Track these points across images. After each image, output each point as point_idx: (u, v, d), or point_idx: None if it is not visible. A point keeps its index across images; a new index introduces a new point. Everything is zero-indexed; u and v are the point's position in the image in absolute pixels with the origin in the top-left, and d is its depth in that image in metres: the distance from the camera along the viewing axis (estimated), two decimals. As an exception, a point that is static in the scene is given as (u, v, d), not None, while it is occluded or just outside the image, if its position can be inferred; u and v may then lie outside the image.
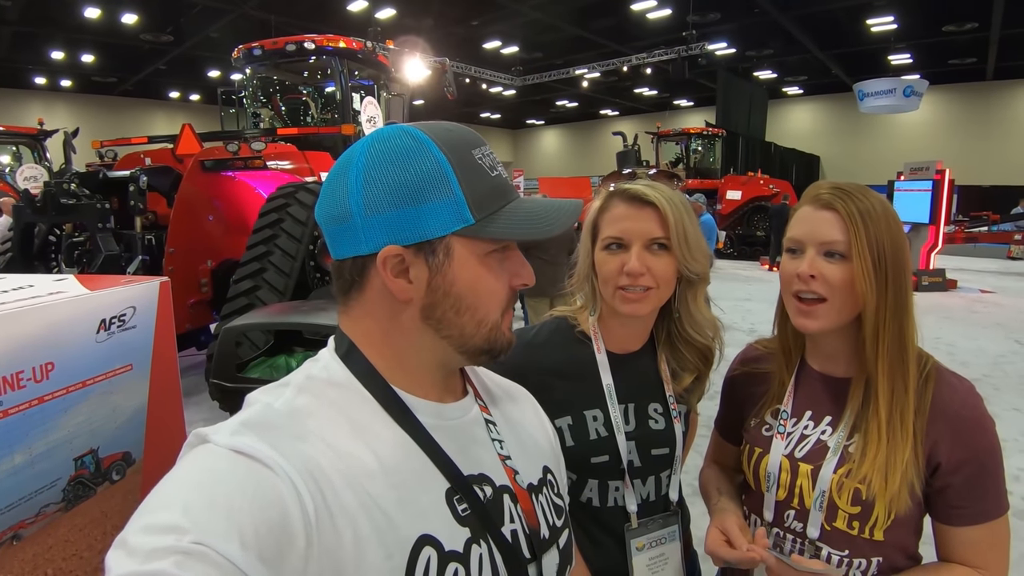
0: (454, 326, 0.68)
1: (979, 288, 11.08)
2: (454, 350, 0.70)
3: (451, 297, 0.67)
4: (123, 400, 1.34)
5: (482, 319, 0.68)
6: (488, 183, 0.68)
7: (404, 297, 0.66)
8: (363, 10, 14.08)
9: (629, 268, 1.09)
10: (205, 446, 0.57)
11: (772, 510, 1.08)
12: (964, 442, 0.96)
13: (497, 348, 0.71)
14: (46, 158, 11.39)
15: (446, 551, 0.63)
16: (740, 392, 1.23)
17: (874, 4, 14.35)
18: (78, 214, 4.87)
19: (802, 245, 1.03)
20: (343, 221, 0.66)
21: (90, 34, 15.39)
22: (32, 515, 1.15)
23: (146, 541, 0.48)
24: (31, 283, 1.31)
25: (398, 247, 0.64)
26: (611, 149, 19.13)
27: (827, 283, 1.00)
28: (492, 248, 0.68)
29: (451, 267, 0.66)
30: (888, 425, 0.97)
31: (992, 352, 6.69)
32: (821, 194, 1.03)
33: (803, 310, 1.03)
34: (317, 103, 7.60)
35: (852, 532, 0.99)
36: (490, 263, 0.68)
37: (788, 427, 1.09)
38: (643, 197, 1.12)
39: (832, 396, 1.08)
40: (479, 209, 0.66)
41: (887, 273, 0.98)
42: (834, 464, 1.01)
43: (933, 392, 0.99)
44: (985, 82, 21.33)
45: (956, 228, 13.89)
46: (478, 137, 0.70)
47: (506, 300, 0.71)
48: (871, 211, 0.99)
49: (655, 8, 14.95)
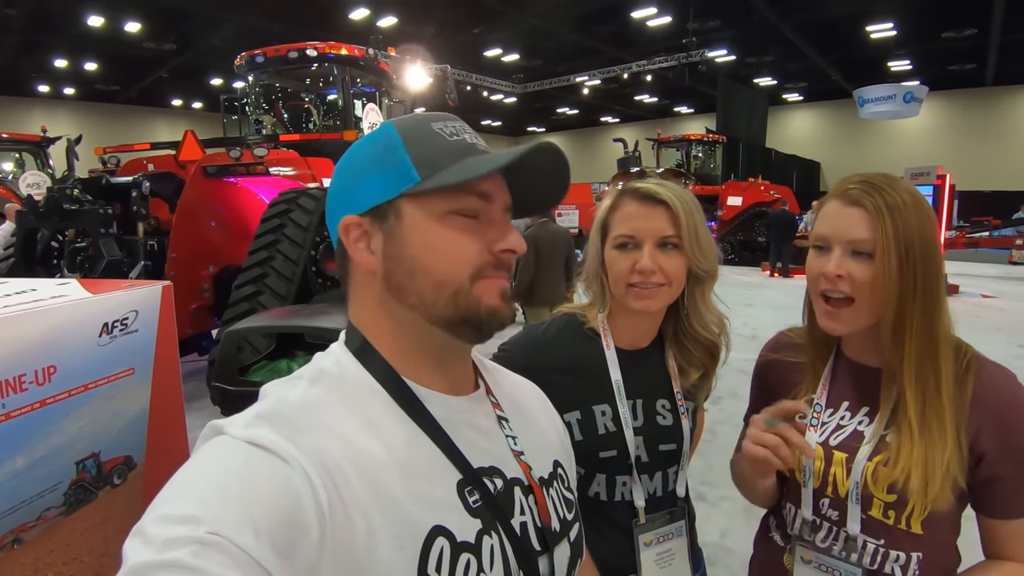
0: (412, 292, 0.67)
1: (981, 293, 11.05)
2: (425, 321, 0.68)
3: (405, 260, 0.67)
4: (125, 404, 1.34)
5: (441, 281, 0.66)
6: (443, 145, 0.68)
7: (368, 267, 0.69)
8: (365, 18, 14.16)
9: (641, 266, 1.10)
10: (220, 438, 0.58)
11: (810, 504, 1.06)
12: (1010, 430, 0.94)
13: (476, 317, 0.67)
14: (49, 165, 11.40)
15: (458, 542, 0.63)
16: (772, 378, 1.20)
17: (873, 11, 14.39)
18: (81, 220, 4.87)
19: (829, 243, 1.00)
20: (329, 211, 0.72)
21: (93, 42, 15.48)
22: (33, 519, 1.14)
23: (163, 531, 0.49)
24: (34, 287, 1.31)
25: (354, 216, 0.68)
26: (612, 155, 19.17)
27: (855, 283, 0.97)
28: (450, 208, 0.66)
29: (402, 229, 0.67)
30: (920, 426, 0.94)
31: (995, 356, 6.50)
32: (849, 189, 0.99)
33: (830, 312, 1.01)
34: (319, 110, 7.62)
35: (888, 521, 0.97)
36: (452, 223, 0.67)
37: (823, 418, 1.07)
38: (655, 196, 1.12)
39: (868, 386, 1.05)
40: (427, 168, 0.66)
41: (915, 269, 0.95)
42: (869, 452, 0.99)
43: (974, 383, 0.97)
44: (985, 88, 21.39)
45: (957, 233, 13.89)
46: (448, 115, 0.72)
47: (476, 263, 0.67)
48: (900, 205, 0.95)
49: (655, 16, 15.00)
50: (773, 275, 13.42)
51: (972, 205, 18.49)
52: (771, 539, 1.17)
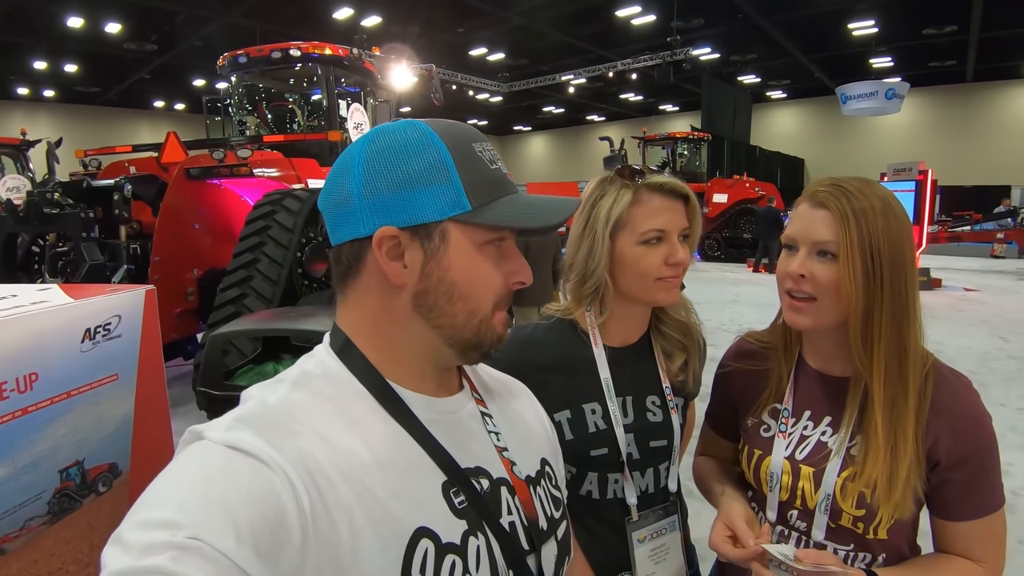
0: (446, 315, 0.67)
1: (963, 287, 11.22)
2: (443, 342, 0.69)
3: (445, 284, 0.67)
4: (109, 410, 1.32)
5: (474, 309, 0.68)
6: (487, 174, 0.68)
7: (398, 282, 0.66)
8: (349, 17, 14.08)
9: (677, 259, 1.12)
10: (200, 442, 0.57)
11: (775, 510, 1.07)
12: (964, 439, 0.96)
13: (486, 344, 0.70)
14: (29, 168, 11.24)
15: (443, 543, 0.63)
16: (734, 387, 1.22)
17: (855, 8, 14.53)
18: (62, 224, 4.81)
19: (796, 243, 1.03)
20: (343, 205, 0.67)
21: (73, 43, 15.26)
22: (16, 529, 1.13)
23: (141, 537, 0.48)
24: (14, 293, 1.29)
25: (394, 228, 0.65)
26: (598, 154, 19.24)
27: (816, 283, 0.99)
28: (489, 238, 0.68)
29: (447, 253, 0.66)
30: (887, 434, 0.96)
31: (978, 349, 6.76)
32: (818, 191, 1.01)
33: (794, 306, 1.03)
34: (303, 110, 7.57)
35: (857, 531, 1.00)
36: (487, 253, 0.68)
37: (788, 426, 1.08)
38: (679, 190, 1.15)
39: (830, 396, 1.06)
40: (476, 197, 0.66)
41: (882, 274, 0.96)
42: (838, 467, 1.00)
43: (932, 390, 0.98)
44: (965, 84, 21.67)
45: (940, 228, 14.04)
46: (479, 133, 0.71)
47: (500, 295, 0.70)
48: (867, 209, 0.96)
49: (639, 14, 15.05)
50: (758, 271, 13.55)
51: (954, 200, 18.72)
52: None
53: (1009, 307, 9.30)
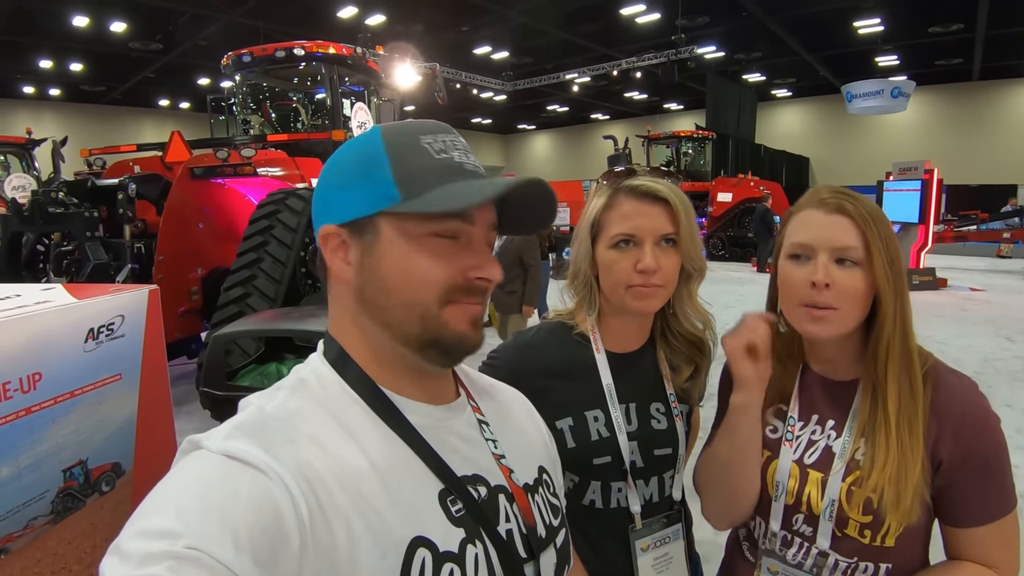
0: (382, 310, 0.67)
1: (969, 286, 11.15)
2: (396, 341, 0.68)
3: (378, 278, 0.66)
4: (112, 410, 1.32)
5: (408, 302, 0.66)
6: (428, 163, 0.66)
7: (343, 276, 0.68)
8: (353, 16, 14.09)
9: (644, 265, 1.06)
10: (198, 452, 0.58)
11: (779, 520, 1.05)
12: (967, 440, 0.94)
13: (444, 341, 0.67)
14: (34, 167, 11.30)
15: (441, 552, 0.63)
16: None
17: (861, 6, 14.46)
18: (66, 223, 4.83)
19: (812, 251, 0.98)
20: (314, 216, 0.72)
21: (78, 43, 15.31)
22: (20, 528, 1.13)
23: (140, 546, 0.48)
24: (18, 292, 1.29)
25: (333, 226, 0.68)
26: (602, 153, 19.22)
27: (840, 292, 0.96)
28: (432, 230, 0.66)
29: (378, 247, 0.66)
30: (897, 434, 0.94)
31: (983, 349, 6.73)
32: (827, 198, 0.98)
33: (816, 316, 0.98)
34: (307, 109, 7.58)
35: (863, 540, 0.97)
36: (429, 245, 0.66)
37: (796, 431, 1.07)
38: (655, 193, 1.09)
39: (834, 400, 1.05)
40: (409, 187, 0.65)
41: (899, 277, 0.96)
42: (842, 472, 0.99)
43: (931, 391, 0.97)
44: (971, 82, 21.56)
45: (945, 227, 13.97)
46: (440, 126, 0.70)
47: (444, 288, 0.66)
48: (878, 213, 0.97)
49: (644, 12, 15.02)
50: (766, 271, 13.52)
51: (960, 199, 18.62)
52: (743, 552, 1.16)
53: (1015, 307, 9.24)
